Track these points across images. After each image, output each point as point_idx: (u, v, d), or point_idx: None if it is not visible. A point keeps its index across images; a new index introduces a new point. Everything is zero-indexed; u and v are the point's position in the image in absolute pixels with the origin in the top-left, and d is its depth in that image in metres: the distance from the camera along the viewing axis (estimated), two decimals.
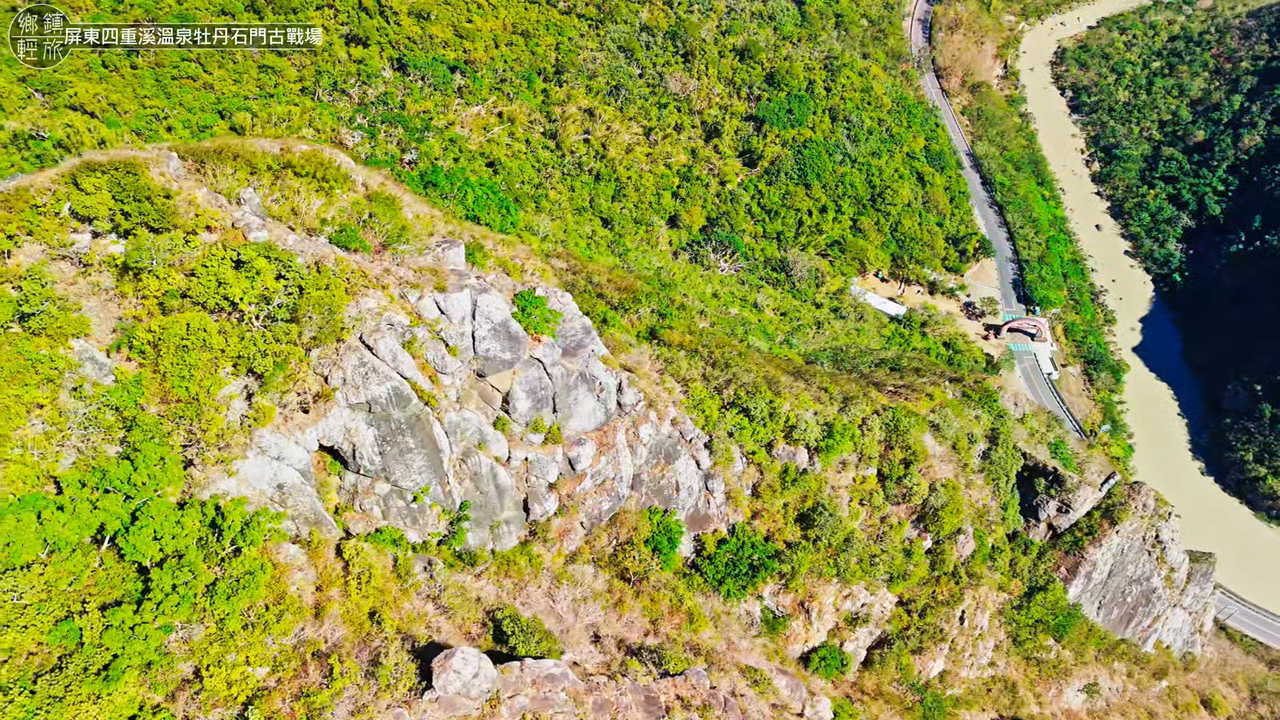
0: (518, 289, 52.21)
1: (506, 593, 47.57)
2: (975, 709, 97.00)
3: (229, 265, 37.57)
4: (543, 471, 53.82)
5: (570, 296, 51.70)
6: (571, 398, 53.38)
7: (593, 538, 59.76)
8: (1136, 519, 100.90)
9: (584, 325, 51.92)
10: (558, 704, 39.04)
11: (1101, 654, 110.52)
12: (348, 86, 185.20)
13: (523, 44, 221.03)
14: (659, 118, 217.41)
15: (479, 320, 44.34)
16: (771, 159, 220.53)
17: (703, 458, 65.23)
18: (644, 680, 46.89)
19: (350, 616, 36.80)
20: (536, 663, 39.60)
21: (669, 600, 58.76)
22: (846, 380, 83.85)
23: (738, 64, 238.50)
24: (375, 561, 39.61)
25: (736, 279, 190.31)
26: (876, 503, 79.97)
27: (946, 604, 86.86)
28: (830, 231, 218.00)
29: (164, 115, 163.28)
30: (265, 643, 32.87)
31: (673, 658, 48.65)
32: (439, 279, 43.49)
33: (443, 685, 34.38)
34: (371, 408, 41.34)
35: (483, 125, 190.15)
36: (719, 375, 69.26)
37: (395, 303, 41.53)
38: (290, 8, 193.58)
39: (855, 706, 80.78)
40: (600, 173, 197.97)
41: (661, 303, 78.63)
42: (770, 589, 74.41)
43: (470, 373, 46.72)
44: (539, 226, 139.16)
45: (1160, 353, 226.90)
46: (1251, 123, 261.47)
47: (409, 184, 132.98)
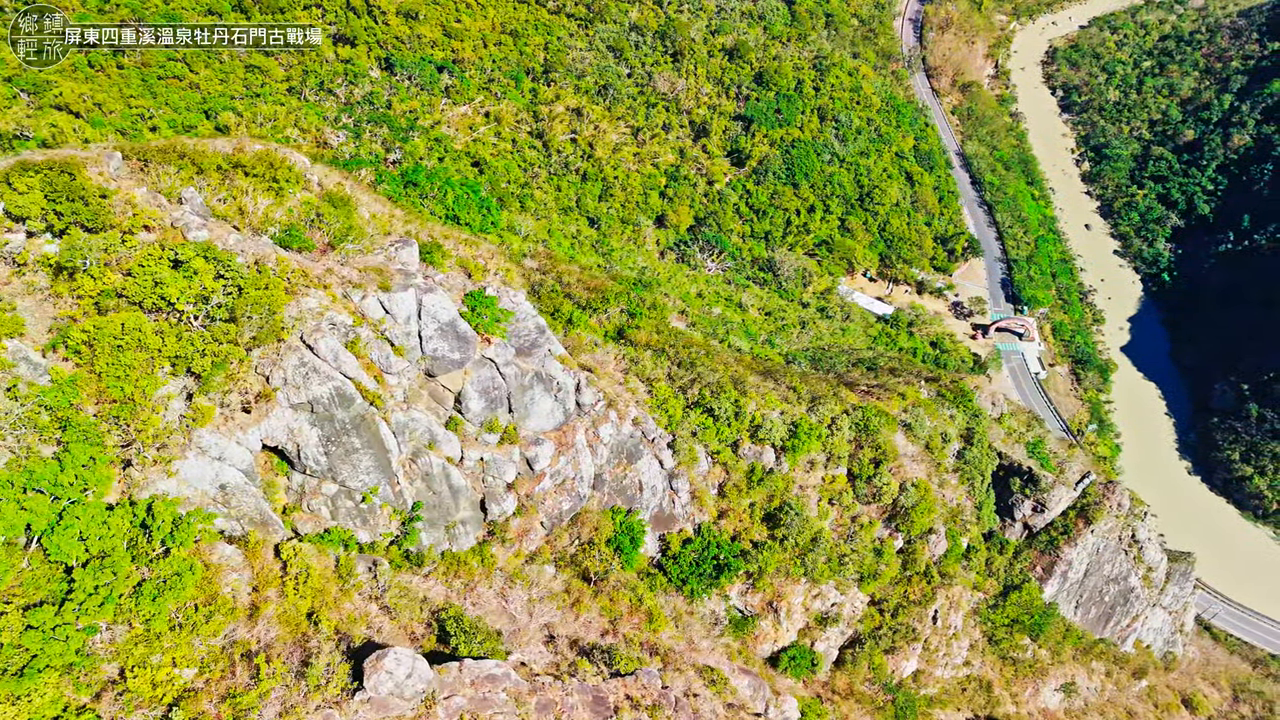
0: (469, 289, 52.14)
1: (456, 593, 47.50)
2: (950, 708, 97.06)
3: (166, 265, 37.48)
4: (499, 471, 53.73)
5: (523, 296, 51.59)
6: (527, 398, 53.28)
7: (553, 538, 59.68)
8: (1111, 518, 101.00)
9: (538, 325, 51.82)
10: (497, 704, 38.96)
11: (1079, 653, 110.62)
12: (334, 86, 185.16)
13: (511, 43, 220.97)
14: (647, 117, 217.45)
15: (425, 320, 44.27)
16: (759, 159, 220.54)
17: (666, 457, 65.18)
18: (593, 680, 46.84)
19: (286, 617, 36.70)
20: (476, 663, 39.52)
21: (628, 600, 58.70)
22: (817, 380, 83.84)
23: (727, 64, 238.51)
24: (314, 562, 39.51)
25: (723, 279, 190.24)
26: (846, 502, 79.94)
27: (919, 603, 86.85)
28: (818, 231, 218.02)
29: (149, 115, 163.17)
30: (193, 644, 32.76)
31: (623, 658, 48.58)
32: (383, 278, 43.42)
33: (374, 686, 34.30)
34: (314, 408, 41.25)
35: (469, 125, 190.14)
36: (684, 375, 69.24)
37: (338, 302, 41.44)
38: (277, 7, 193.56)
39: (825, 706, 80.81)
40: (587, 172, 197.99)
41: (631, 303, 78.57)
42: (738, 589, 74.37)
43: (419, 373, 46.64)
44: (521, 226, 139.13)
45: (1148, 352, 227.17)
46: (1241, 122, 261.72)
47: (390, 183, 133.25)
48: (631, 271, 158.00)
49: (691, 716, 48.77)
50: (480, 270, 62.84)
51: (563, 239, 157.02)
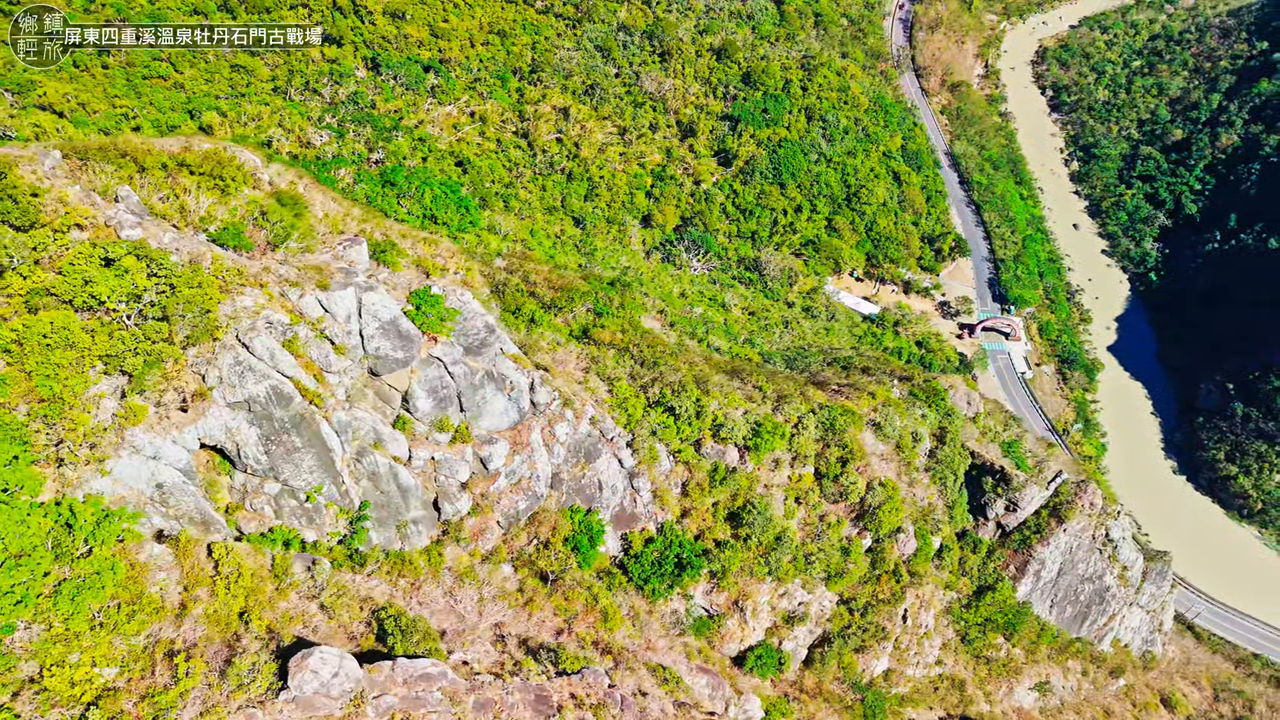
0: (414, 287, 52.09)
1: (401, 592, 47.44)
2: (922, 707, 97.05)
3: (97, 263, 37.42)
4: (452, 471, 53.71)
5: (470, 295, 51.52)
6: (479, 397, 53.25)
7: (511, 537, 59.63)
8: (1084, 517, 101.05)
9: (487, 324, 51.77)
10: (431, 703, 38.88)
11: (1054, 652, 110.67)
12: (319, 86, 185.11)
13: (499, 43, 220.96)
14: (634, 117, 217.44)
15: (366, 319, 44.22)
16: (746, 158, 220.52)
17: (625, 456, 65.14)
18: (537, 679, 46.80)
19: (216, 617, 36.62)
20: (411, 662, 39.45)
21: (584, 599, 58.66)
22: (785, 379, 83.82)
23: (715, 63, 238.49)
24: (249, 561, 39.44)
25: (707, 278, 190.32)
26: (813, 501, 79.94)
27: (888, 602, 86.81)
28: (804, 231, 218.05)
29: (133, 115, 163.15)
30: (113, 643, 32.69)
31: (569, 657, 48.56)
32: (322, 277, 43.36)
33: (298, 685, 34.24)
34: (251, 407, 41.20)
35: (453, 124, 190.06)
36: (646, 374, 69.21)
37: (275, 301, 41.38)
38: (263, 7, 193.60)
39: (792, 705, 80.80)
40: (572, 172, 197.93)
41: (598, 302, 78.50)
42: (702, 588, 74.33)
43: (363, 372, 46.59)
44: (501, 226, 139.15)
45: (1135, 352, 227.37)
46: (1229, 122, 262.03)
47: (369, 183, 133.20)
48: (614, 271, 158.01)
49: (638, 715, 48.71)
50: (438, 269, 62.81)
51: (545, 239, 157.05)
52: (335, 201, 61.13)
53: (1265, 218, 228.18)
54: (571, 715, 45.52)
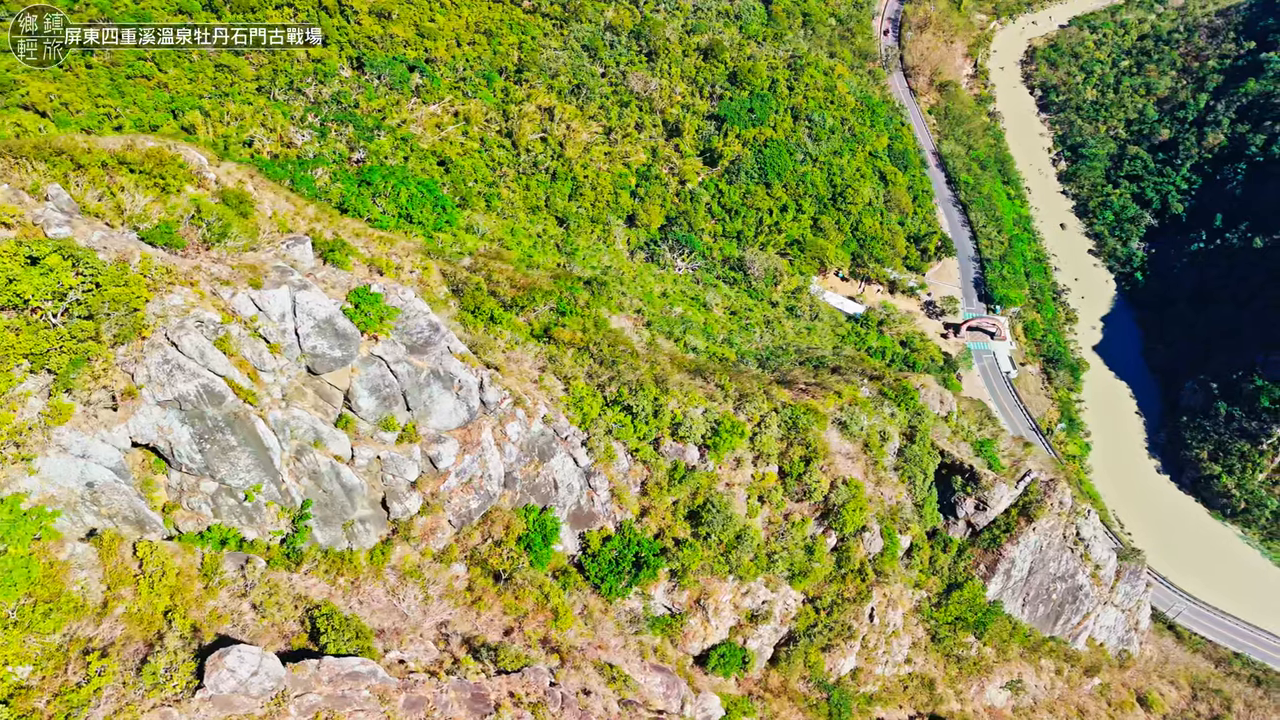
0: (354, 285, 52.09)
1: (341, 591, 47.45)
2: (892, 706, 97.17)
3: (21, 261, 37.36)
4: (399, 470, 53.69)
5: (412, 293, 51.50)
6: (425, 395, 53.23)
7: (463, 536, 59.60)
8: (1053, 516, 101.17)
9: (430, 322, 51.74)
10: (358, 702, 38.92)
11: (1027, 651, 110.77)
12: (304, 86, 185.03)
13: (485, 43, 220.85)
14: (620, 116, 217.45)
15: (301, 317, 44.21)
16: (732, 158, 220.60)
17: (580, 455, 65.16)
18: (474, 678, 46.85)
19: (139, 615, 36.62)
20: (338, 660, 39.46)
21: (535, 598, 58.69)
22: (748, 379, 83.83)
23: (701, 63, 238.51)
24: (176, 560, 39.44)
25: (691, 278, 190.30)
26: (776, 500, 79.99)
27: (854, 601, 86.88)
28: (790, 230, 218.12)
29: (115, 115, 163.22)
30: (27, 641, 32.67)
31: (509, 655, 48.62)
32: (256, 275, 43.35)
33: (214, 684, 34.25)
34: (182, 405, 41.17)
35: (436, 124, 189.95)
36: (604, 373, 69.22)
37: (206, 299, 41.36)
38: (248, 6, 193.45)
39: (755, 704, 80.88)
40: (557, 171, 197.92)
41: (561, 301, 78.47)
42: (663, 586, 74.39)
43: (301, 370, 46.56)
44: (479, 225, 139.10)
45: (1120, 351, 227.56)
46: (1216, 121, 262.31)
47: (345, 182, 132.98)
48: (594, 270, 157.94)
49: (579, 713, 48.76)
50: (391, 268, 62.88)
51: (525, 238, 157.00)
52: (288, 201, 61.14)
53: (1250, 217, 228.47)
54: (509, 714, 45.58)
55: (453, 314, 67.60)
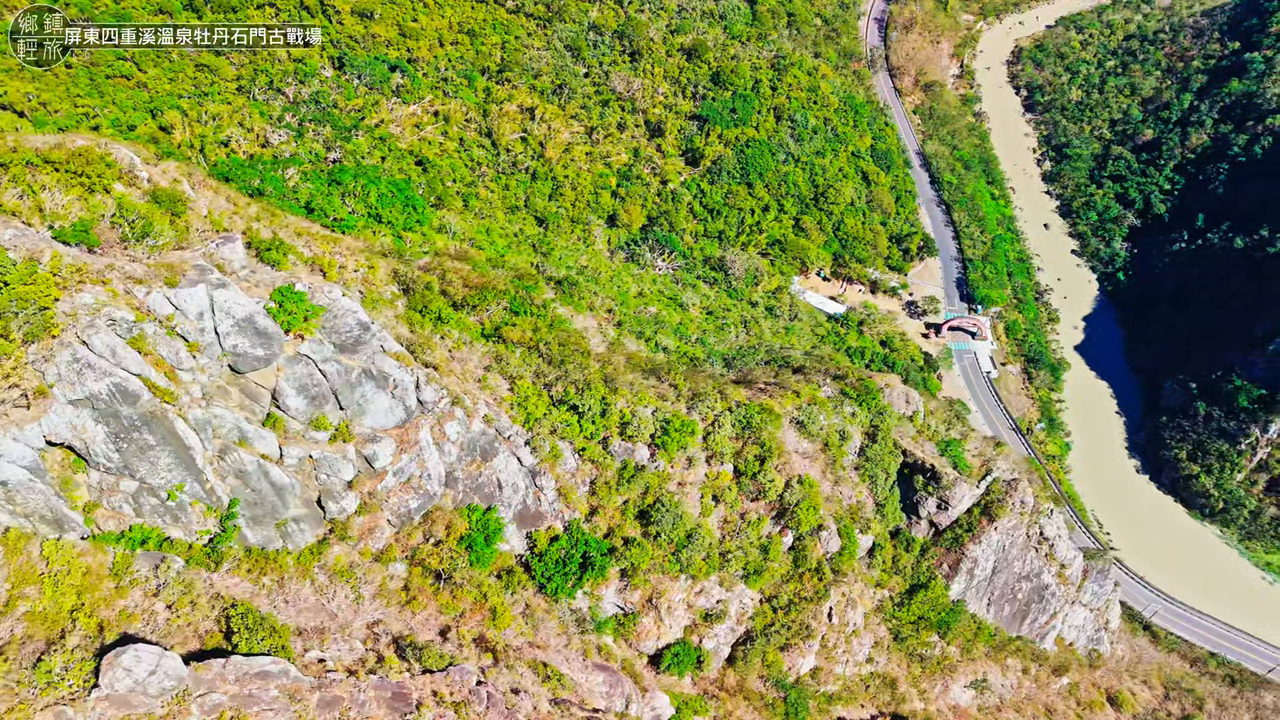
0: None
1: (265, 590, 47.39)
2: (853, 705, 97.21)
3: None
4: (334, 469, 53.62)
5: (339, 291, 51.46)
6: (358, 395, 53.18)
7: (404, 535, 59.51)
8: (1015, 515, 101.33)
9: (359, 321, 51.68)
10: (265, 701, 38.87)
11: (992, 650, 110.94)
12: (284, 85, 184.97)
13: (468, 43, 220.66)
14: (601, 116, 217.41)
15: (219, 315, 44.16)
16: (714, 158, 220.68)
17: (524, 455, 65.11)
18: (397, 677, 46.84)
19: (43, 615, 36.57)
20: (247, 660, 39.44)
21: (473, 597, 58.67)
22: (704, 378, 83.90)
23: (685, 63, 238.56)
24: (85, 559, 39.38)
25: (671, 278, 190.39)
26: (730, 499, 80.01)
27: (811, 600, 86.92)
28: (771, 231, 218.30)
29: (93, 114, 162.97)
30: None
31: (434, 654, 48.61)
32: (172, 274, 43.30)
33: (109, 683, 34.21)
34: (94, 404, 41.10)
35: (415, 124, 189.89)
36: (551, 372, 69.21)
37: (119, 298, 41.30)
38: (229, 6, 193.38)
39: (709, 703, 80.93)
40: (536, 171, 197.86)
41: (515, 301, 78.44)
42: (615, 586, 74.41)
43: (223, 369, 46.50)
44: (451, 225, 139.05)
45: (1102, 351, 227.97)
46: (1199, 121, 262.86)
47: (314, 182, 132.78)
48: (568, 270, 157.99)
49: (504, 712, 48.74)
50: (333, 267, 62.87)
51: (499, 238, 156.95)
52: (228, 200, 61.10)
53: (1232, 217, 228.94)
54: (430, 713, 45.55)
55: (399, 313, 67.57)
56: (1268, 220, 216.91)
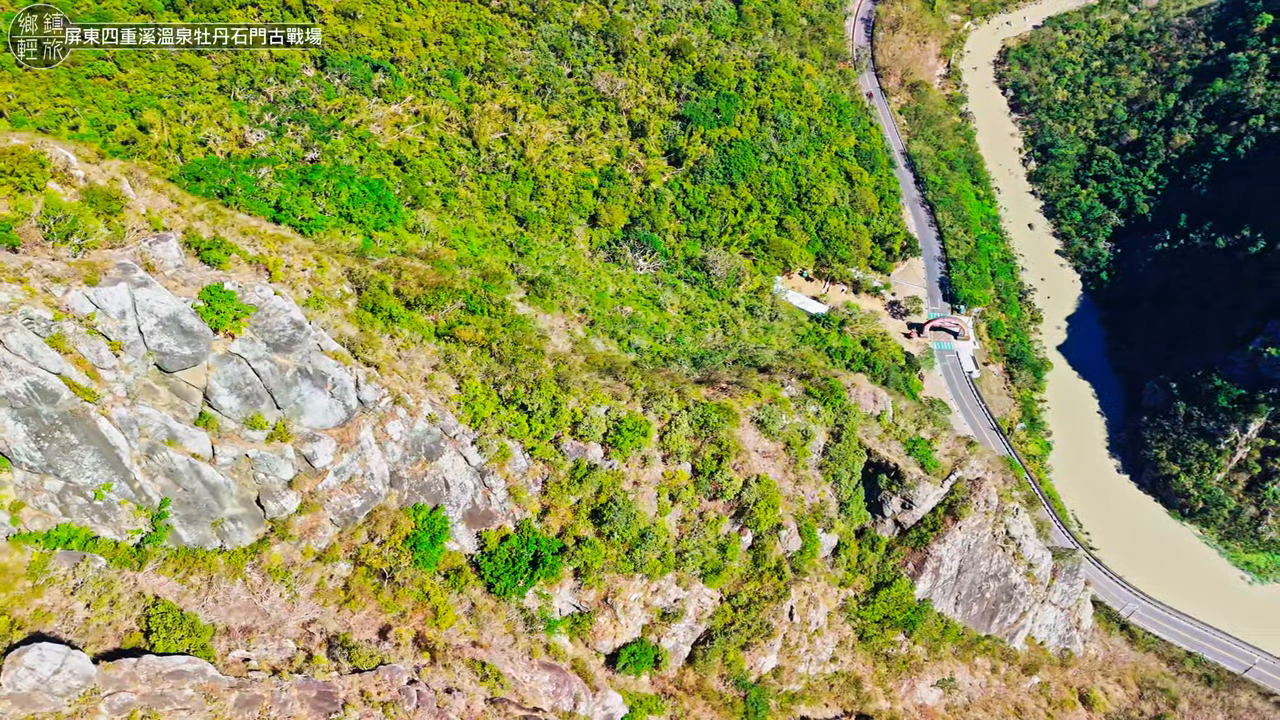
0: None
1: (194, 590, 47.31)
2: (817, 704, 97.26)
3: None
4: (272, 469, 53.53)
5: (271, 290, 51.33)
6: (294, 394, 53.09)
7: (348, 534, 59.44)
8: (979, 515, 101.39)
9: (293, 320, 51.56)
10: (178, 701, 38.84)
11: (960, 649, 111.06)
12: (264, 85, 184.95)
13: (452, 42, 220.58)
14: (584, 116, 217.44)
15: (142, 314, 44.08)
16: (697, 158, 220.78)
17: (471, 454, 65.07)
18: (324, 676, 46.81)
19: None
20: (160, 659, 39.40)
21: (415, 596, 58.62)
22: (661, 378, 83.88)
23: (669, 63, 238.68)
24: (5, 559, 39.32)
25: (651, 278, 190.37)
26: (686, 498, 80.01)
27: (771, 599, 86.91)
28: (754, 230, 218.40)
29: (73, 114, 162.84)
30: None
31: (364, 653, 48.59)
32: (92, 273, 43.22)
33: (11, 682, 34.17)
34: (13, 403, 40.99)
35: (395, 123, 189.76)
36: (501, 371, 69.18)
37: (36, 296, 41.21)
38: (211, 6, 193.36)
39: (666, 702, 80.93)
40: (518, 171, 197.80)
41: (471, 300, 78.42)
42: (569, 585, 74.40)
43: (150, 368, 46.43)
44: (425, 225, 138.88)
45: (1084, 351, 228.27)
46: (1183, 121, 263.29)
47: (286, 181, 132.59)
48: (546, 269, 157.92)
49: (435, 712, 48.71)
50: (279, 266, 62.79)
51: (476, 238, 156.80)
52: (171, 199, 60.98)
53: (1214, 217, 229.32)
54: (356, 712, 45.53)
55: (348, 312, 67.51)
56: (1249, 220, 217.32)
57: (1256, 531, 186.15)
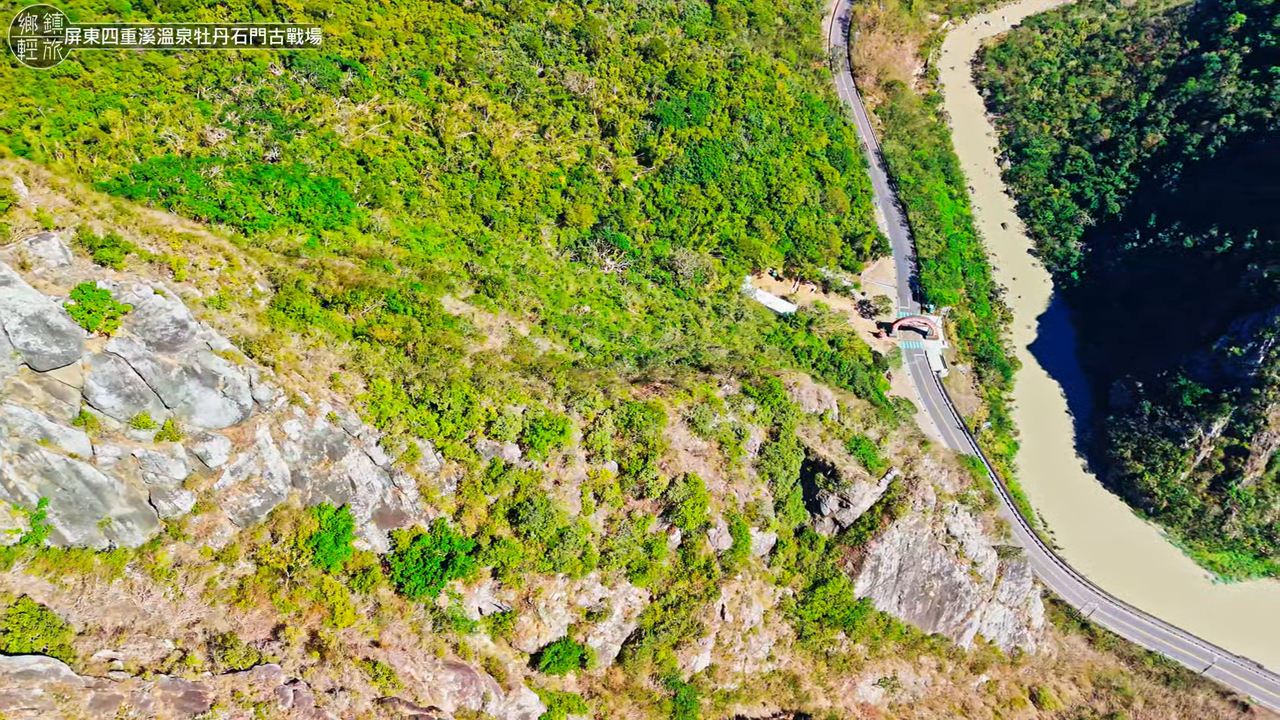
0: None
1: (66, 590, 47.09)
2: (754, 704, 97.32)
3: None
4: (162, 468, 53.30)
5: (150, 290, 51.14)
6: (182, 393, 52.90)
7: (249, 534, 59.23)
8: (916, 513, 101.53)
9: (175, 319, 51.41)
10: (26, 700, 38.69)
11: (904, 648, 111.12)
12: (231, 84, 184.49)
13: (423, 42, 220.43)
14: (554, 115, 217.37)
15: (5, 314, 43.89)
16: (667, 158, 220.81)
17: (376, 454, 64.94)
18: (194, 675, 46.66)
19: None
20: (8, 659, 39.24)
21: (312, 596, 58.46)
22: (586, 377, 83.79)
23: (641, 63, 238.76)
24: None
25: (617, 277, 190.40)
26: (611, 497, 79.99)
27: (701, 598, 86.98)
28: (724, 230, 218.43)
29: (37, 114, 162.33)
30: None
31: (238, 653, 48.45)
32: None
33: None
34: None
35: (361, 122, 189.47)
36: (413, 371, 69.08)
37: None
38: (179, 6, 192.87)
39: (590, 702, 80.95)
40: (484, 170, 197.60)
41: (395, 299, 78.35)
42: (489, 585, 74.36)
43: (20, 367, 46.22)
44: (378, 224, 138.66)
45: (1054, 350, 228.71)
46: (1156, 121, 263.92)
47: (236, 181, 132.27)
48: (504, 269, 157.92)
49: (312, 712, 48.60)
50: (182, 266, 62.68)
51: (434, 237, 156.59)
52: (70, 198, 60.81)
53: (1183, 217, 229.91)
54: (224, 713, 45.41)
55: (259, 311, 67.45)
56: (1217, 220, 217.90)
57: (1220, 530, 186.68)
